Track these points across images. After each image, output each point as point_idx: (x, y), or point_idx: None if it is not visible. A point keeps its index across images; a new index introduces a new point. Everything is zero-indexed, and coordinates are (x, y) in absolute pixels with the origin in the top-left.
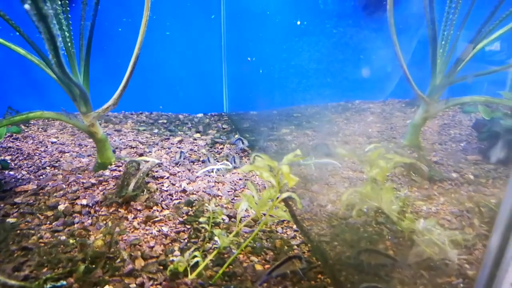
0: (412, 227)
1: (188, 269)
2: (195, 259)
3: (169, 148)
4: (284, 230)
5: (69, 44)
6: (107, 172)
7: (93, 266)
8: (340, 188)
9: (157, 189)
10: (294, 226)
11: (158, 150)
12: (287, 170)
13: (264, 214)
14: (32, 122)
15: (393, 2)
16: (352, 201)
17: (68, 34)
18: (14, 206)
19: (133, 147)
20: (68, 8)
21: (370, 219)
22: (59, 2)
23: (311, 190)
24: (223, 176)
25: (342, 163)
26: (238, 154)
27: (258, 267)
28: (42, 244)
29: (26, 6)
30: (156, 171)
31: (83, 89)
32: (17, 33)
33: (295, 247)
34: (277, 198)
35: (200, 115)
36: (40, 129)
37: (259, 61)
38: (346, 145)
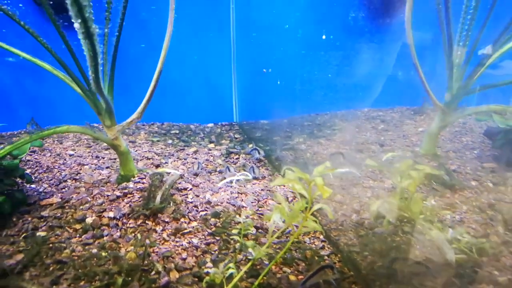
0: (441, 236)
1: (224, 281)
2: (230, 271)
3: (185, 159)
4: (312, 241)
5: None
6: (131, 185)
7: (129, 278)
8: (363, 198)
9: (182, 201)
10: (321, 237)
11: (175, 161)
12: (321, 182)
13: (295, 226)
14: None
15: (411, 10)
16: (380, 211)
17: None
18: (42, 220)
19: (149, 158)
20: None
21: (396, 229)
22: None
23: (334, 200)
24: (244, 186)
25: (361, 173)
26: (255, 164)
27: (292, 278)
28: (76, 257)
29: (76, 25)
30: (179, 183)
31: (110, 103)
32: (45, 50)
33: (326, 257)
34: (309, 209)
35: (210, 125)
36: (56, 141)
37: (273, 72)
38: (360, 154)
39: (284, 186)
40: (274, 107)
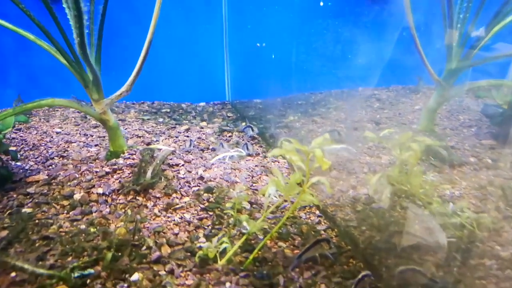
0: (441, 210)
1: (218, 255)
2: (223, 245)
3: (176, 137)
4: (308, 216)
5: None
6: (120, 161)
7: (119, 254)
8: (360, 173)
9: (174, 176)
10: (317, 212)
11: (166, 139)
12: (320, 154)
13: (292, 200)
14: (33, 113)
15: None
16: (379, 185)
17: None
18: (28, 196)
19: (140, 136)
20: None
21: (394, 204)
22: None
23: (329, 176)
24: (238, 163)
25: (357, 149)
26: (249, 141)
27: (288, 252)
28: (63, 233)
29: None
30: (171, 159)
31: (97, 74)
32: (28, 18)
33: (322, 232)
34: (306, 181)
35: (202, 104)
36: (42, 119)
37: (266, 48)
38: (356, 132)
39: (278, 162)
40: (267, 86)
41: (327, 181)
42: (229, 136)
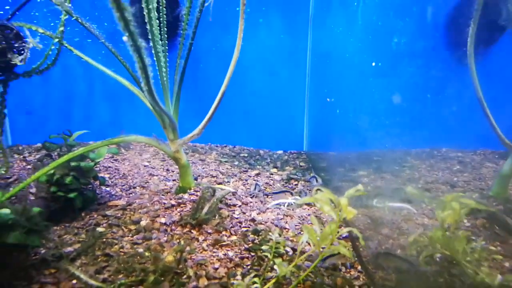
0: (488, 281)
1: None
2: (255, 285)
3: (246, 180)
4: (348, 270)
5: (165, 79)
6: (186, 196)
7: (162, 278)
8: (412, 234)
9: (228, 215)
10: (359, 267)
11: (236, 181)
12: (345, 202)
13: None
14: (131, 147)
15: (473, 40)
16: (422, 246)
17: (165, 70)
18: (105, 218)
19: (214, 176)
20: (166, 47)
21: (442, 270)
22: (160, 42)
23: (381, 233)
24: (292, 210)
25: (419, 210)
26: (311, 191)
27: None
28: (122, 253)
29: (124, 38)
30: (230, 199)
31: (172, 118)
32: (123, 67)
33: (357, 287)
34: (335, 231)
35: (280, 152)
36: (136, 153)
37: (337, 102)
38: (427, 193)
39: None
40: (343, 139)
41: (359, 233)
42: (295, 185)
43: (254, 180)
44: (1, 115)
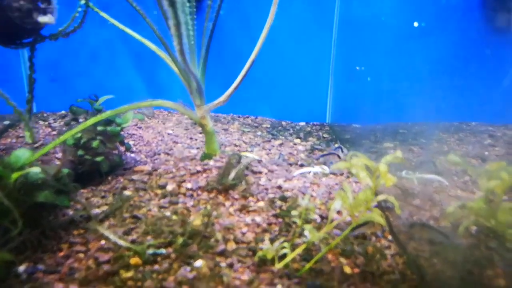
0: None
1: (276, 258)
2: (283, 250)
3: (269, 150)
4: (378, 239)
5: (192, 42)
6: (211, 162)
7: (190, 241)
8: (445, 206)
9: (254, 182)
10: (389, 237)
11: (259, 150)
12: (384, 169)
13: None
14: (155, 116)
15: None
16: (459, 217)
17: (192, 33)
18: (131, 182)
19: (237, 145)
20: (194, 10)
21: (478, 242)
22: (187, 4)
23: (411, 204)
24: (319, 179)
25: (451, 182)
26: (337, 161)
27: (347, 270)
28: (150, 216)
29: None
30: (256, 166)
31: (199, 82)
32: (151, 30)
33: (389, 257)
34: (370, 198)
35: (302, 123)
36: (160, 122)
37: (367, 71)
38: (457, 166)
39: (359, 183)
40: (368, 111)
41: (395, 200)
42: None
43: (277, 149)
44: (31, 80)
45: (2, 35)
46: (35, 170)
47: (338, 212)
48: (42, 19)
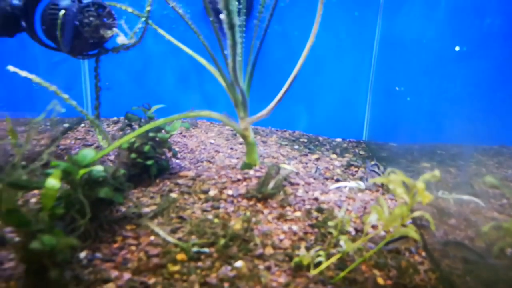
0: None
1: (311, 265)
2: (319, 258)
3: (306, 163)
4: (411, 255)
5: (240, 58)
6: (251, 172)
7: (231, 243)
8: (481, 227)
9: (291, 193)
10: (423, 254)
11: (296, 163)
12: (422, 186)
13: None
14: (198, 125)
15: None
16: (494, 238)
17: (240, 51)
18: (177, 185)
19: (275, 157)
20: (244, 29)
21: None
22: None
23: (447, 223)
24: (355, 194)
25: (487, 204)
26: (373, 177)
27: (380, 281)
28: (194, 218)
29: (222, 16)
30: (293, 178)
31: (245, 95)
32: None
33: (421, 272)
34: (406, 214)
35: (338, 139)
36: (203, 131)
37: (407, 91)
38: (495, 189)
39: (394, 200)
40: (405, 130)
41: (430, 217)
42: (355, 171)
43: (314, 164)
44: (97, 88)
45: (74, 47)
46: (98, 168)
47: (373, 227)
48: (107, 34)
